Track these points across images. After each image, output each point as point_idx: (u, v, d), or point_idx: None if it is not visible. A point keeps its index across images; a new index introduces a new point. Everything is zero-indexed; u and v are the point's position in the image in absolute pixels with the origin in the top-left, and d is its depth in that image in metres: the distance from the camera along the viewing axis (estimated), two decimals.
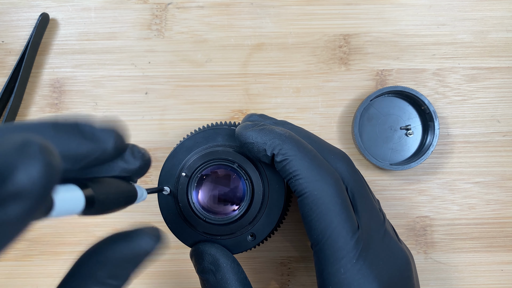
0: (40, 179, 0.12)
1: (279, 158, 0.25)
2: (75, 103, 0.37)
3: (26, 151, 0.12)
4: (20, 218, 0.12)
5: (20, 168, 0.12)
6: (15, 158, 0.12)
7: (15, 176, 0.11)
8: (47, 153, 0.12)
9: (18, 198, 0.12)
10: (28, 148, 0.12)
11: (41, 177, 0.12)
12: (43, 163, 0.12)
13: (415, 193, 0.37)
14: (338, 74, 0.37)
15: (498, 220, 0.37)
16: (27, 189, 0.12)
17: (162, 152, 0.37)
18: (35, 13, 0.37)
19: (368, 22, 0.37)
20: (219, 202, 0.29)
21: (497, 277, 0.37)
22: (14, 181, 0.11)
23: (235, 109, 0.37)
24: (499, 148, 0.37)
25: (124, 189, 0.20)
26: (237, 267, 0.27)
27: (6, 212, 0.12)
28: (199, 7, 0.37)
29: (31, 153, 0.12)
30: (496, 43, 0.37)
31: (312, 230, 0.25)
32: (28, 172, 0.12)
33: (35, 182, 0.12)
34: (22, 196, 0.12)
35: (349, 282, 0.24)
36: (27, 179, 0.12)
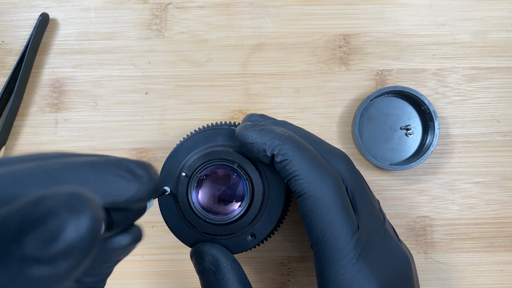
0: (89, 235, 0.12)
1: (279, 159, 0.25)
2: (75, 103, 0.37)
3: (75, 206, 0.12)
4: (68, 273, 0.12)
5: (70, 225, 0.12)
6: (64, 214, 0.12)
7: (65, 234, 0.12)
8: (93, 207, 0.12)
9: (68, 255, 0.12)
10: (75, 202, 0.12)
11: (89, 233, 0.12)
12: (91, 219, 0.12)
13: (415, 193, 0.37)
14: (338, 74, 0.37)
15: (498, 220, 0.37)
16: (77, 246, 0.12)
17: (162, 152, 0.37)
18: (35, 13, 0.37)
19: (368, 22, 0.37)
20: (219, 202, 0.29)
21: (497, 277, 0.37)
22: (65, 239, 0.12)
23: (235, 109, 0.37)
24: (499, 148, 0.37)
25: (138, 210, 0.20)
26: (237, 267, 0.27)
27: (56, 268, 0.12)
28: (199, 7, 0.37)
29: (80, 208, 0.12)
30: (496, 43, 0.37)
31: (312, 230, 0.25)
32: (78, 229, 0.12)
33: (85, 238, 0.12)
34: (72, 253, 0.12)
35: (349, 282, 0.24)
36: (77, 236, 0.12)
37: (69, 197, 0.12)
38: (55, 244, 0.11)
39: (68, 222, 0.12)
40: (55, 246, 0.11)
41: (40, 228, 0.11)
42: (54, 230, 0.11)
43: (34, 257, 0.11)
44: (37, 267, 0.11)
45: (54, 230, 0.11)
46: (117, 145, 0.37)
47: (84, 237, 0.12)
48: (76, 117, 0.37)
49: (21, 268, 0.11)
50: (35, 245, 0.11)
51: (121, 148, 0.37)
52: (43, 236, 0.11)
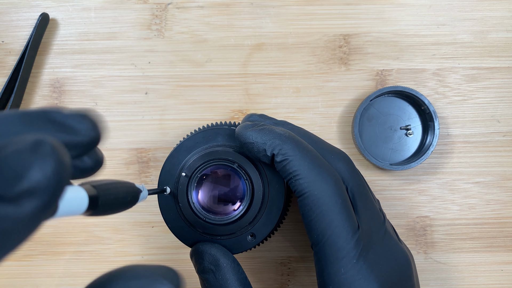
0: (54, 176, 0.12)
1: (279, 158, 0.25)
2: (75, 103, 0.37)
3: (40, 150, 0.12)
4: (34, 215, 0.12)
5: (35, 166, 0.12)
6: (29, 156, 0.12)
7: (30, 173, 0.12)
8: (59, 152, 0.13)
9: (33, 194, 0.12)
10: (41, 147, 0.12)
11: (54, 174, 0.12)
12: (56, 161, 0.12)
13: (415, 193, 0.37)
14: (338, 74, 0.37)
15: (498, 220, 0.37)
16: (42, 186, 0.12)
17: (162, 152, 0.37)
18: (35, 13, 0.37)
19: (368, 22, 0.37)
20: (219, 202, 0.29)
21: (497, 277, 0.37)
22: (29, 178, 0.12)
23: (235, 109, 0.37)
24: (499, 148, 0.37)
25: (127, 189, 0.20)
26: (237, 267, 0.27)
27: (22, 208, 0.12)
28: (199, 7, 0.37)
29: (45, 152, 0.12)
30: (496, 43, 0.37)
31: (312, 230, 0.25)
32: (43, 169, 0.12)
33: (50, 179, 0.12)
34: (37, 193, 0.12)
35: (350, 282, 0.24)
36: (42, 176, 0.12)
37: (35, 141, 0.12)
38: (19, 183, 0.12)
39: (33, 162, 0.12)
40: (20, 185, 0.12)
41: (5, 167, 0.12)
42: (19, 170, 0.12)
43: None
44: (2, 205, 0.12)
45: (18, 170, 0.12)
46: (117, 145, 0.37)
47: (49, 178, 0.12)
48: None
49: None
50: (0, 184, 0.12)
51: (121, 148, 0.37)
52: (8, 176, 0.12)
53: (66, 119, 0.16)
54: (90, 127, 0.16)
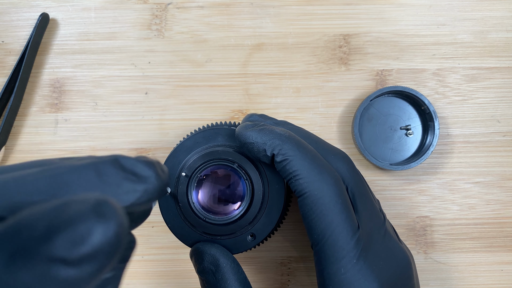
0: (115, 240, 0.12)
1: (279, 158, 0.25)
2: (75, 103, 0.37)
3: (102, 212, 0.12)
4: (92, 277, 0.12)
5: (97, 229, 0.12)
6: (92, 219, 0.12)
7: (93, 237, 0.12)
8: (120, 214, 0.13)
9: (94, 259, 0.12)
10: (103, 208, 0.12)
11: (116, 238, 0.12)
12: (117, 225, 0.12)
13: (415, 193, 0.37)
14: (338, 74, 0.37)
15: (498, 220, 0.37)
16: (104, 250, 0.12)
17: (162, 152, 0.37)
18: (35, 13, 0.37)
19: (368, 22, 0.37)
20: (219, 202, 0.29)
21: (497, 277, 0.37)
22: (92, 242, 0.12)
23: (235, 109, 0.37)
24: (499, 148, 0.37)
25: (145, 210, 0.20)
26: (237, 267, 0.27)
27: (81, 271, 0.12)
28: (199, 7, 0.37)
29: (107, 214, 0.12)
30: (496, 43, 0.37)
31: (313, 230, 0.25)
32: (105, 234, 0.12)
33: (112, 243, 0.12)
34: (98, 257, 0.12)
35: (350, 282, 0.24)
36: (104, 241, 0.12)
37: (97, 203, 0.12)
38: (83, 246, 0.12)
39: (96, 226, 0.12)
40: (83, 248, 0.12)
41: (69, 230, 0.12)
42: (83, 233, 0.12)
43: (61, 258, 0.12)
44: (63, 268, 0.12)
45: (82, 233, 0.12)
46: (117, 145, 0.37)
47: (111, 242, 0.12)
48: (76, 117, 0.37)
49: (48, 268, 0.12)
50: (63, 247, 0.12)
51: (121, 148, 0.37)
52: (72, 238, 0.12)
53: (135, 167, 0.16)
54: (158, 175, 0.16)
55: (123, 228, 0.13)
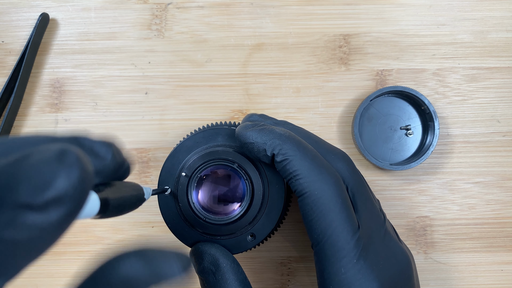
0: (80, 184, 0.13)
1: (279, 158, 0.25)
2: (75, 103, 0.37)
3: (65, 159, 0.12)
4: (61, 222, 0.13)
5: (61, 174, 0.12)
6: (55, 165, 0.12)
7: (57, 182, 0.12)
8: (84, 161, 0.13)
9: (60, 203, 0.12)
10: (66, 155, 0.13)
11: (80, 182, 0.13)
12: (81, 170, 0.13)
13: (415, 193, 0.37)
14: (338, 74, 0.37)
15: (498, 220, 0.37)
16: (69, 194, 0.12)
17: (162, 152, 0.37)
18: (35, 13, 0.37)
19: (368, 22, 0.37)
20: (219, 202, 0.29)
21: (497, 277, 0.37)
22: (56, 187, 0.12)
23: (235, 109, 0.37)
24: (499, 148, 0.37)
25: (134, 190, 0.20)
26: (237, 267, 0.27)
27: (49, 216, 0.12)
28: (199, 7, 0.37)
29: (70, 160, 0.13)
30: (496, 43, 0.37)
31: (313, 230, 0.25)
32: (69, 178, 0.12)
33: (76, 187, 0.12)
34: (64, 201, 0.12)
35: (350, 282, 0.24)
36: (68, 184, 0.12)
37: (60, 151, 0.13)
38: (47, 191, 0.12)
39: (60, 171, 0.12)
40: (47, 193, 0.12)
41: (32, 176, 0.12)
42: (46, 179, 0.12)
43: (27, 203, 0.12)
44: (30, 213, 0.12)
45: (46, 179, 0.12)
46: None
47: (75, 186, 0.12)
48: (76, 117, 0.37)
49: (14, 214, 0.12)
50: (28, 192, 0.12)
51: None
52: (36, 184, 0.12)
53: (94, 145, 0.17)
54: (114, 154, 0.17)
55: (87, 173, 0.13)
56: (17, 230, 0.12)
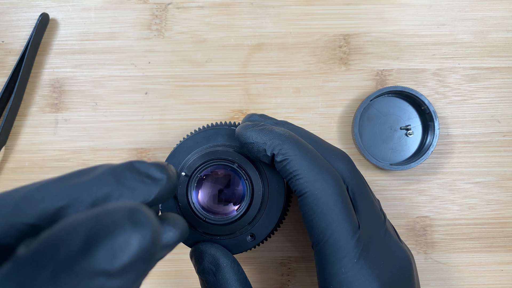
0: (151, 247, 0.13)
1: (279, 158, 0.25)
2: (75, 103, 0.37)
3: (137, 221, 0.13)
4: (134, 284, 0.13)
5: (136, 239, 0.12)
6: (130, 228, 0.12)
7: (132, 246, 0.12)
8: (153, 221, 0.13)
9: (135, 266, 0.12)
10: (138, 217, 0.13)
11: (152, 245, 0.13)
12: (152, 231, 0.13)
13: (415, 193, 0.37)
14: (338, 74, 0.37)
15: (498, 220, 0.37)
16: (142, 257, 0.12)
17: (162, 152, 0.37)
18: (35, 13, 0.37)
19: (368, 22, 0.37)
20: (219, 202, 0.29)
21: (497, 277, 0.37)
22: (132, 251, 0.12)
23: (235, 109, 0.37)
24: (499, 148, 0.37)
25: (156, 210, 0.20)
26: (237, 267, 0.27)
27: (125, 279, 0.12)
28: (199, 7, 0.37)
29: (142, 222, 0.13)
30: (496, 43, 0.37)
31: (313, 229, 0.25)
32: (143, 241, 0.12)
33: (148, 250, 0.12)
34: (138, 265, 0.12)
35: (350, 282, 0.24)
36: (143, 248, 0.12)
37: (131, 211, 0.13)
38: (123, 256, 0.12)
39: (134, 235, 0.12)
40: (124, 258, 0.12)
41: (108, 241, 0.12)
42: (122, 243, 0.12)
43: (104, 270, 0.12)
44: (107, 280, 0.12)
45: (121, 243, 0.12)
46: (117, 145, 0.37)
47: (148, 249, 0.12)
48: (76, 117, 0.37)
49: (92, 282, 0.12)
50: (104, 259, 0.12)
51: (121, 148, 0.37)
52: (112, 250, 0.12)
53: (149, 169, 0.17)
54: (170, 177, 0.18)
55: (158, 234, 0.13)
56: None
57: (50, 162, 0.37)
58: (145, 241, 0.12)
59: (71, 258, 0.12)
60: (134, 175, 0.17)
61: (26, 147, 0.37)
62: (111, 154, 0.37)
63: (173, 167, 0.19)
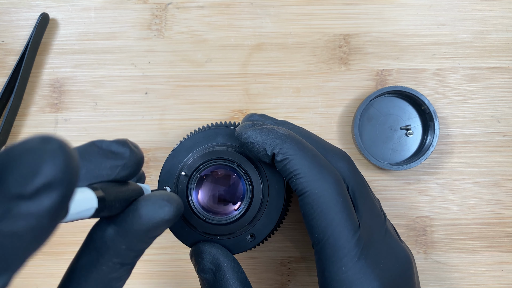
0: (67, 169, 0.13)
1: (279, 158, 0.25)
2: (75, 103, 0.37)
3: (49, 147, 0.13)
4: (56, 208, 0.13)
5: (47, 161, 0.12)
6: (41, 153, 0.12)
7: (44, 169, 0.12)
8: (67, 147, 0.13)
9: (50, 188, 0.12)
10: (49, 143, 0.13)
11: (67, 168, 0.13)
12: (66, 155, 0.13)
13: (415, 193, 0.37)
14: (338, 74, 0.37)
15: (498, 220, 0.37)
16: (57, 179, 0.12)
17: (162, 152, 0.37)
18: (35, 13, 0.37)
19: (368, 22, 0.37)
20: (219, 202, 0.29)
21: (497, 277, 0.37)
22: (44, 173, 0.12)
23: (235, 109, 0.37)
24: (499, 148, 0.37)
25: (132, 189, 0.20)
26: (237, 267, 0.27)
27: (42, 203, 0.12)
28: (199, 7, 0.37)
29: (54, 148, 0.13)
30: (496, 43, 0.37)
31: (313, 229, 0.25)
32: (55, 164, 0.12)
33: (63, 172, 0.13)
34: (54, 187, 0.12)
35: (351, 281, 0.24)
36: (55, 170, 0.12)
37: (43, 139, 0.13)
38: (35, 178, 0.12)
39: (45, 158, 0.12)
40: (36, 180, 0.12)
41: (19, 165, 0.12)
42: (33, 166, 0.12)
43: (17, 193, 0.12)
44: (23, 203, 0.12)
45: (33, 166, 0.12)
46: None
47: (63, 170, 0.12)
48: (76, 117, 0.37)
49: (8, 206, 0.12)
50: (17, 182, 0.12)
51: None
52: (24, 173, 0.12)
53: (111, 145, 0.19)
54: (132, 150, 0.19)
55: (73, 159, 0.13)
56: (13, 221, 0.12)
57: None
58: (57, 163, 0.12)
59: None
60: (98, 150, 0.18)
61: None
62: None
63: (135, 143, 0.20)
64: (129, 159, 0.19)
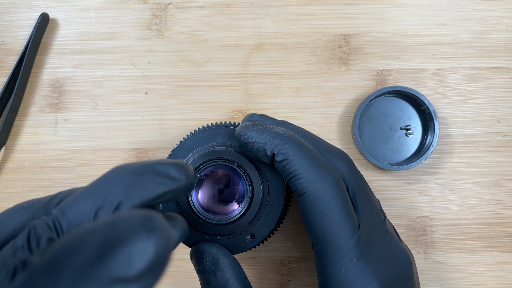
0: (166, 253, 0.13)
1: (279, 158, 0.25)
2: (75, 103, 0.37)
3: (152, 228, 0.13)
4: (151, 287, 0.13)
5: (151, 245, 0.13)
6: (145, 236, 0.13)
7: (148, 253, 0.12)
8: (166, 228, 0.13)
9: (150, 272, 0.13)
10: (151, 224, 0.13)
11: (167, 251, 0.13)
12: (166, 238, 0.13)
13: (415, 193, 0.37)
14: (338, 74, 0.37)
15: (498, 220, 0.37)
16: (158, 263, 0.13)
17: (162, 152, 0.37)
18: (35, 13, 0.37)
19: (368, 22, 0.37)
20: (219, 202, 0.29)
21: (497, 277, 0.37)
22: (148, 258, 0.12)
23: (235, 109, 0.37)
24: (499, 148, 0.37)
25: None
26: (237, 267, 0.27)
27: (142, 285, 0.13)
28: (199, 7, 0.37)
29: (156, 229, 0.13)
30: (496, 43, 0.37)
31: (313, 229, 0.25)
32: (158, 248, 0.13)
33: (163, 256, 0.13)
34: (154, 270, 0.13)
35: (350, 281, 0.24)
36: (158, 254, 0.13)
37: (145, 219, 0.13)
38: (140, 263, 0.12)
39: (149, 241, 0.13)
40: (141, 264, 0.12)
41: (124, 248, 0.12)
42: (138, 250, 0.12)
43: (122, 277, 0.12)
44: (125, 285, 0.12)
45: (137, 250, 0.12)
46: (117, 145, 0.37)
47: (163, 255, 0.13)
48: (76, 117, 0.37)
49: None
50: (121, 265, 0.12)
51: (121, 148, 0.37)
52: (128, 256, 0.12)
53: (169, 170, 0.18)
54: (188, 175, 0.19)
55: (171, 240, 0.13)
56: None
57: (50, 162, 0.37)
58: (160, 246, 0.13)
59: (88, 266, 0.12)
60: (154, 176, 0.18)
61: (26, 147, 0.37)
62: (111, 154, 0.37)
63: (191, 166, 0.20)
64: (182, 186, 0.19)
